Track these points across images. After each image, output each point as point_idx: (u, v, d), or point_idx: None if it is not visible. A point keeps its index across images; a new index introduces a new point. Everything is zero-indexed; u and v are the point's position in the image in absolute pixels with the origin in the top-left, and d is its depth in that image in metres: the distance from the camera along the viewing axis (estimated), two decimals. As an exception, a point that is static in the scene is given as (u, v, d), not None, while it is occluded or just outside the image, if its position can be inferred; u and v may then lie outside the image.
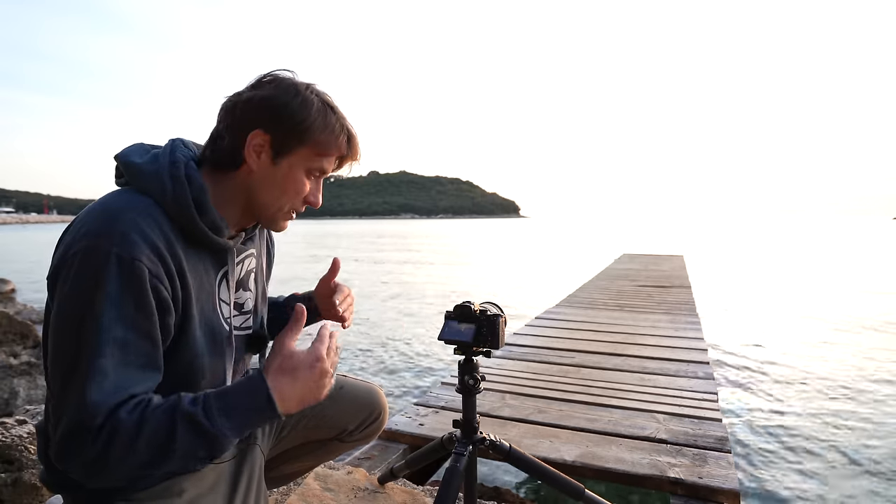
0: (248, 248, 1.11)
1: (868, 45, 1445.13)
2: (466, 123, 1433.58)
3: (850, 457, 3.49)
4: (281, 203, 1.00)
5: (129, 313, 0.85)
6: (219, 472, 1.11)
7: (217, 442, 0.86)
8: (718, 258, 21.33)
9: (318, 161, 0.99)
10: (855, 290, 12.07)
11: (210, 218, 0.94)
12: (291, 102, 0.94)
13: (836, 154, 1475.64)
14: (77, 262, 0.84)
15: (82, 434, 0.81)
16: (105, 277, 0.83)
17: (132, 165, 0.94)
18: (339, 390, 1.39)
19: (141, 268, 0.84)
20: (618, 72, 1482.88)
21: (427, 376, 5.49)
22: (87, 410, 0.81)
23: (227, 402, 0.87)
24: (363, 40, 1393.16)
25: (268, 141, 0.95)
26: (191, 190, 0.92)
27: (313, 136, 0.96)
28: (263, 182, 0.98)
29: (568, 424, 2.59)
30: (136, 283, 0.84)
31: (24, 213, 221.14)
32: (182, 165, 0.93)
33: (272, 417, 0.89)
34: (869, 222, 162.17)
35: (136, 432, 0.82)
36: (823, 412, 4.32)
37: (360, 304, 10.26)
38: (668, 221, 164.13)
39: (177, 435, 0.83)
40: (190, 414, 0.84)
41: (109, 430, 0.81)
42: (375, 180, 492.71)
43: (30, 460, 1.87)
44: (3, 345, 5.22)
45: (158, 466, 0.84)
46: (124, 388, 0.84)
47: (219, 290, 1.02)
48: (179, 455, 0.84)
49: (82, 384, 0.81)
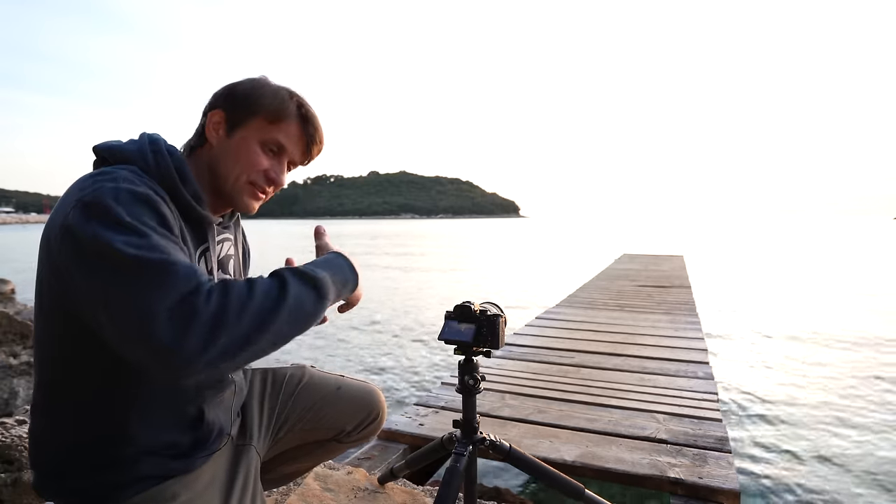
0: (225, 234, 1.13)
1: (868, 45, 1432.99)
2: (466, 123, 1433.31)
3: (851, 457, 3.49)
4: (237, 173, 1.02)
5: (161, 231, 0.82)
6: (213, 474, 1.09)
7: (322, 285, 0.88)
8: (718, 258, 21.33)
9: (270, 131, 1.02)
10: (855, 290, 12.06)
11: (192, 188, 0.97)
12: (246, 83, 1.04)
13: (836, 154, 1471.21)
14: (79, 213, 0.80)
15: (195, 292, 0.74)
16: (119, 205, 0.80)
17: (112, 147, 0.97)
18: (337, 391, 1.39)
19: (154, 196, 0.86)
20: (618, 72, 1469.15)
21: (427, 376, 5.49)
22: (187, 270, 0.76)
23: (318, 263, 0.94)
24: (363, 40, 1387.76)
25: (223, 117, 1.02)
26: (172, 160, 0.96)
27: (263, 107, 1.01)
28: (220, 155, 1.02)
29: (568, 424, 2.59)
30: (155, 205, 0.85)
31: (24, 213, 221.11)
32: (161, 142, 0.99)
33: (354, 278, 1.01)
34: (869, 222, 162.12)
35: (249, 287, 0.79)
36: (823, 412, 4.32)
37: (360, 303, 10.25)
38: (668, 222, 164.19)
39: (288, 283, 0.83)
40: (292, 269, 0.87)
41: (221, 285, 0.77)
42: (375, 180, 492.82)
43: (29, 461, 1.87)
44: (3, 345, 5.22)
45: (273, 322, 0.79)
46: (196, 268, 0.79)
47: (198, 264, 1.02)
48: (291, 305, 0.81)
49: (163, 258, 0.76)
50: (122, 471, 0.95)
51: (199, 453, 1.05)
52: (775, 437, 3.80)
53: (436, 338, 1.41)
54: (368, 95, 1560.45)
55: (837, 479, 3.21)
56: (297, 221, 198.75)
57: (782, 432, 3.89)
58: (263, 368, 1.36)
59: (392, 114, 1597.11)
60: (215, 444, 1.09)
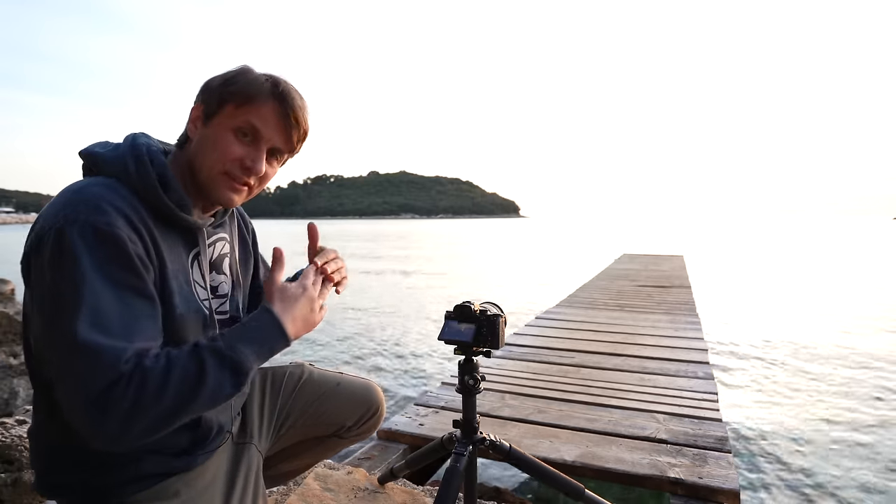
0: (219, 233, 1.10)
1: (868, 45, 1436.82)
2: (466, 123, 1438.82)
3: (851, 457, 3.49)
4: (209, 163, 0.97)
5: (118, 276, 0.84)
6: (215, 472, 1.10)
7: (242, 368, 0.88)
8: (718, 258, 21.33)
9: (242, 115, 0.95)
10: (855, 290, 12.06)
11: (176, 195, 0.95)
12: (224, 73, 0.99)
13: (836, 154, 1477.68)
14: (51, 240, 0.82)
15: (112, 386, 0.79)
16: (84, 247, 0.82)
17: (95, 155, 0.95)
18: (337, 387, 1.39)
19: (118, 233, 0.85)
20: (618, 71, 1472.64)
21: (427, 376, 5.49)
22: (110, 359, 0.79)
23: (243, 333, 0.91)
24: (363, 40, 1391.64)
25: (201, 110, 0.98)
26: (153, 168, 0.93)
27: (234, 92, 0.96)
28: (197, 148, 0.99)
29: (568, 424, 2.59)
30: (118, 246, 0.84)
31: (24, 213, 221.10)
32: (143, 147, 0.95)
33: (285, 341, 0.94)
34: (869, 222, 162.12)
35: (166, 373, 0.82)
36: (823, 412, 4.32)
37: (361, 303, 10.26)
38: (668, 221, 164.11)
39: (206, 368, 0.84)
40: (213, 348, 0.87)
41: (140, 375, 0.80)
42: (375, 180, 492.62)
43: (30, 460, 1.87)
44: (3, 345, 5.22)
45: (190, 406, 0.84)
46: (136, 332, 0.83)
47: (192, 271, 1.01)
48: (210, 390, 0.85)
49: (94, 340, 0.79)
50: (124, 469, 0.96)
51: (199, 451, 1.06)
52: (775, 437, 3.80)
53: (436, 338, 1.41)
54: (368, 95, 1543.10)
55: (838, 478, 3.21)
56: (297, 221, 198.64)
57: (782, 432, 3.89)
58: (263, 368, 1.36)
59: (392, 114, 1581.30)
60: (215, 442, 1.10)
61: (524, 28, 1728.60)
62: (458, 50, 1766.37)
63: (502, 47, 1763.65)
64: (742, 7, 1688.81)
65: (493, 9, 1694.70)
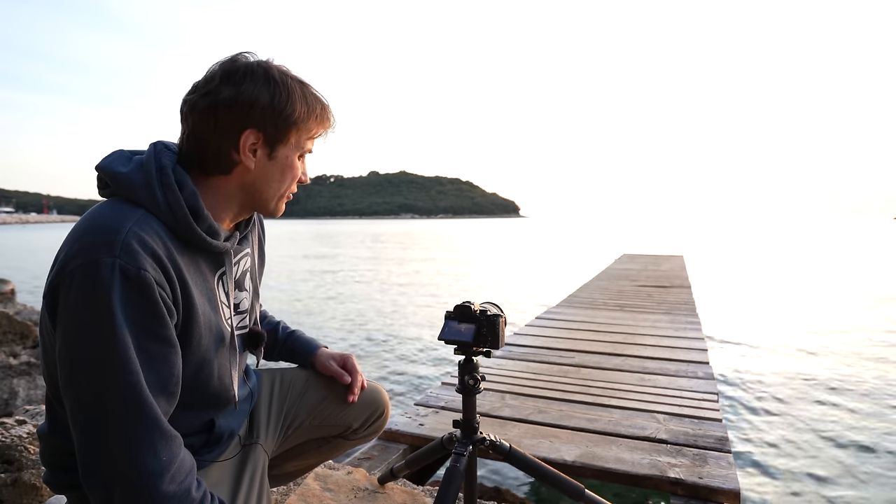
0: (244, 248, 1.11)
1: (869, 45, 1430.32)
2: (466, 123, 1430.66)
3: (851, 456, 3.49)
4: (282, 190, 1.03)
5: (146, 325, 0.84)
6: (221, 471, 1.11)
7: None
8: (718, 258, 21.33)
9: (308, 143, 1.02)
10: (855, 290, 12.06)
11: (207, 224, 0.94)
12: (276, 97, 0.94)
13: (836, 154, 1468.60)
14: (78, 279, 0.81)
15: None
16: (113, 292, 0.80)
17: (118, 176, 0.91)
18: (344, 389, 1.40)
19: (147, 277, 0.83)
20: (618, 71, 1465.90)
21: (427, 376, 5.49)
22: (146, 483, 0.82)
23: None
24: (363, 40, 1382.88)
25: (261, 138, 0.96)
26: (183, 196, 0.91)
27: (301, 123, 0.98)
28: (263, 177, 0.99)
29: (568, 424, 2.59)
30: (147, 293, 0.83)
31: (23, 213, 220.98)
32: (170, 171, 0.92)
33: None
34: (869, 222, 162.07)
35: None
36: (823, 412, 4.32)
37: (361, 304, 10.27)
38: (668, 221, 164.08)
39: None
40: None
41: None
42: (375, 180, 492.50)
43: (29, 460, 1.87)
44: (3, 345, 5.22)
45: None
46: (167, 437, 0.85)
47: (218, 291, 1.01)
48: None
49: (128, 448, 0.82)
50: None
51: (208, 453, 1.08)
52: (775, 437, 3.80)
53: (436, 338, 1.41)
54: (368, 95, 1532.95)
55: (837, 478, 3.21)
56: (297, 221, 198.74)
57: (782, 432, 3.89)
58: (271, 370, 1.38)
59: (392, 114, 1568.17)
60: (225, 447, 1.13)
61: (524, 28, 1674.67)
62: (458, 50, 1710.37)
63: (502, 47, 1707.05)
64: (743, 7, 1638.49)
65: (494, 9, 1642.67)
